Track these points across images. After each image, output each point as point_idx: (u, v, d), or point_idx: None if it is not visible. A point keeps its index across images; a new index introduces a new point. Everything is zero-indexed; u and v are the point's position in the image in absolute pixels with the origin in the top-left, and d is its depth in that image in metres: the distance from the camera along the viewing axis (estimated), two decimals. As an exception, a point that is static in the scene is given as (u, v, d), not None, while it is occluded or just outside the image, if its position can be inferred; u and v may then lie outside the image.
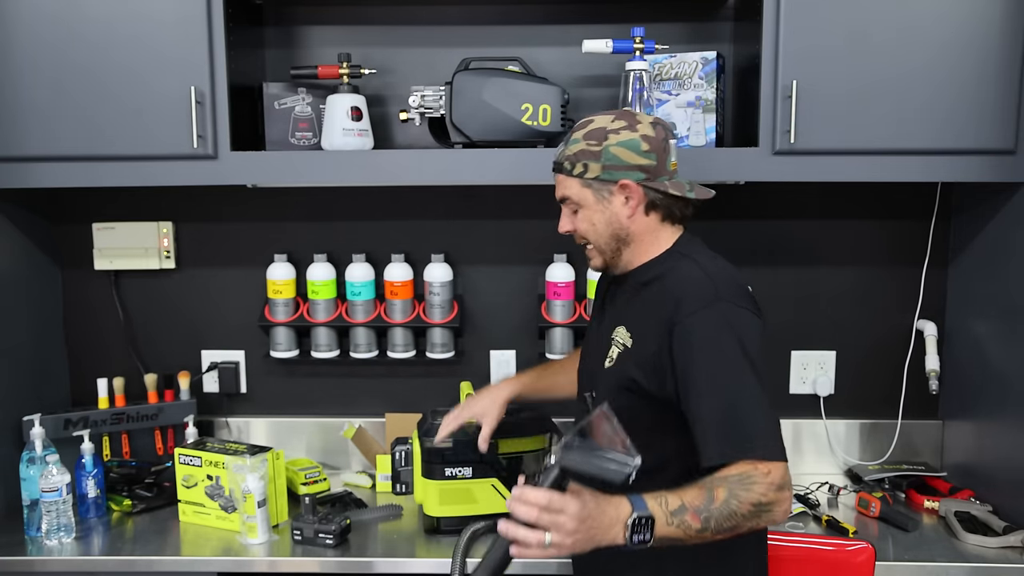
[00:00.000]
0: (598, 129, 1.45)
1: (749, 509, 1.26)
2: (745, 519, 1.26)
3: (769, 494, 1.27)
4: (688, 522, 1.24)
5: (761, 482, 1.27)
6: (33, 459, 1.93)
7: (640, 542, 1.22)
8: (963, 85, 1.85)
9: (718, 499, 1.25)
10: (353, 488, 2.20)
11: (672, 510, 1.24)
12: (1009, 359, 1.97)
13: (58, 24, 1.88)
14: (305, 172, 1.94)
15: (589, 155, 1.45)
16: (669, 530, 1.23)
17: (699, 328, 1.34)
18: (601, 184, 1.45)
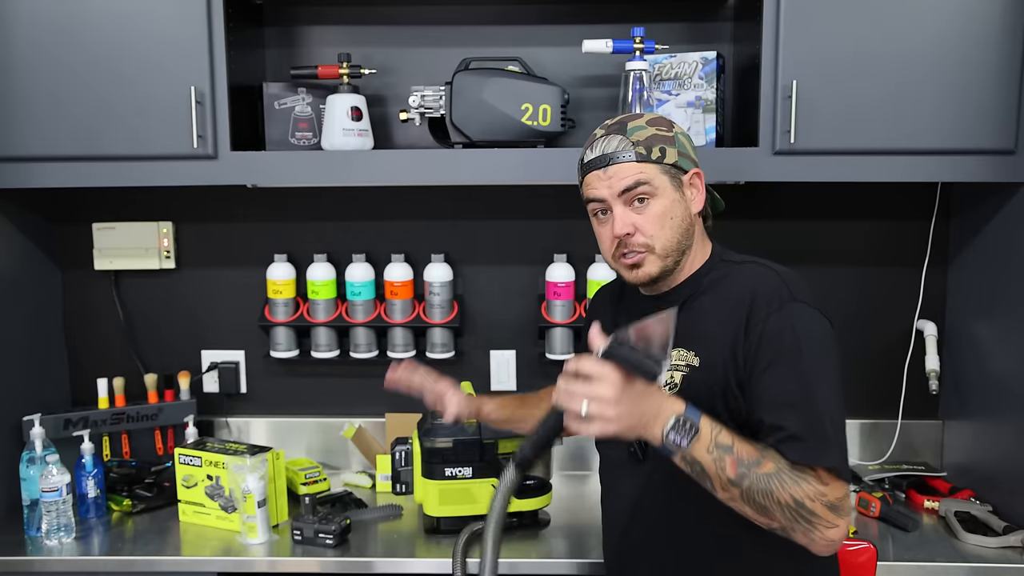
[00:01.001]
0: (661, 118, 1.39)
1: (788, 500, 1.18)
2: (780, 509, 1.18)
3: (816, 503, 1.19)
4: (726, 464, 1.18)
5: (814, 486, 1.19)
6: (33, 459, 1.93)
7: (675, 443, 1.17)
8: (963, 85, 1.85)
9: (764, 468, 1.19)
10: (353, 488, 2.20)
11: (719, 443, 1.18)
12: (1009, 359, 1.97)
13: (58, 24, 1.88)
14: (305, 172, 1.94)
15: (663, 140, 1.35)
16: (705, 457, 1.18)
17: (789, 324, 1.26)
18: (678, 171, 1.36)
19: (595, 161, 1.36)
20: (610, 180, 1.35)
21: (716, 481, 1.19)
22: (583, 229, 2.10)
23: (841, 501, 1.20)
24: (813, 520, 1.18)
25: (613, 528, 1.53)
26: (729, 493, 1.19)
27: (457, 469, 1.89)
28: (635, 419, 1.15)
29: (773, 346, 1.26)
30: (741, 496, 1.19)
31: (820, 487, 1.19)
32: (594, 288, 2.18)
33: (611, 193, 1.35)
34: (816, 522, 1.18)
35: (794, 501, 1.18)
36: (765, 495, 1.18)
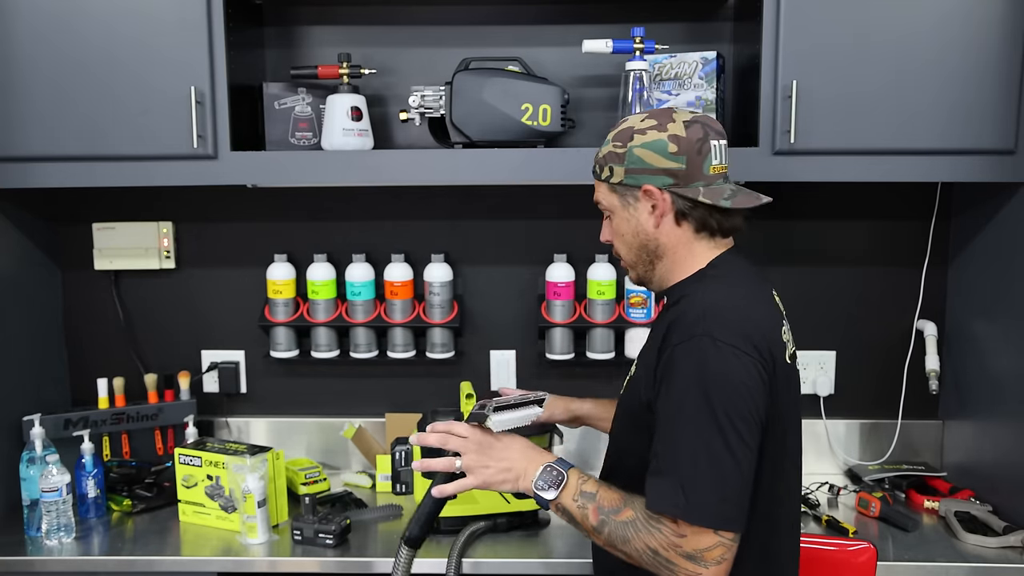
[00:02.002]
0: (626, 129, 1.34)
1: (643, 548, 1.21)
2: (639, 555, 1.22)
3: (671, 552, 1.18)
4: (588, 513, 1.26)
5: (666, 536, 1.19)
6: (33, 459, 1.93)
7: (542, 489, 1.28)
8: (963, 85, 1.85)
9: (623, 515, 1.24)
10: (353, 488, 2.20)
11: (584, 491, 1.27)
12: (1009, 359, 1.97)
13: (58, 24, 1.88)
14: (305, 172, 1.94)
15: (615, 158, 1.34)
16: (571, 504, 1.27)
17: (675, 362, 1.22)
18: (626, 189, 1.34)
19: None
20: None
21: (583, 526, 1.27)
22: (583, 229, 2.11)
23: (701, 552, 1.17)
24: (672, 566, 1.19)
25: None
26: (595, 536, 1.27)
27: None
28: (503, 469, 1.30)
29: (668, 378, 1.23)
30: (606, 541, 1.26)
31: (674, 537, 1.19)
32: (594, 288, 2.19)
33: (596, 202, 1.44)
34: (675, 568, 1.19)
35: (649, 549, 1.21)
36: (623, 542, 1.23)
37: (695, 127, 1.31)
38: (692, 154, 1.30)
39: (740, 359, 1.19)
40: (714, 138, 1.32)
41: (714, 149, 1.32)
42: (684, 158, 1.30)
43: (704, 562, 1.17)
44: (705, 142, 1.31)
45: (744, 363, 1.20)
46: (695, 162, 1.30)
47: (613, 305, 2.19)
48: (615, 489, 1.27)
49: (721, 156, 1.33)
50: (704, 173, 1.31)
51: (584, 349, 2.25)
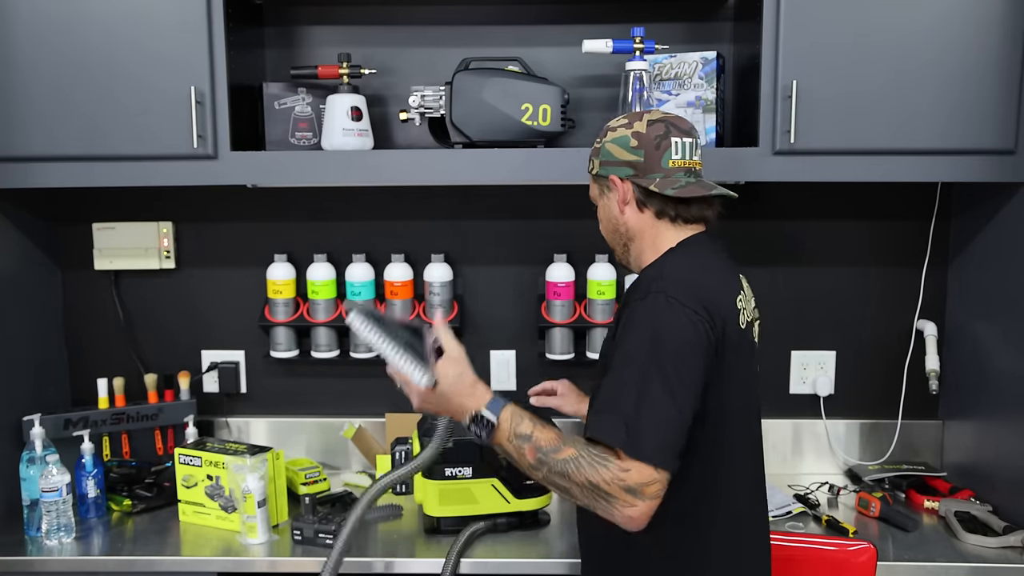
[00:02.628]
0: (605, 128, 1.52)
1: (584, 482, 1.27)
2: (578, 489, 1.28)
3: (613, 486, 1.25)
4: (524, 452, 1.32)
5: (611, 471, 1.26)
6: (33, 459, 1.93)
7: (476, 435, 1.35)
8: (963, 85, 1.85)
9: (563, 453, 1.29)
10: (353, 488, 2.20)
11: (518, 433, 1.33)
12: (1009, 359, 1.97)
13: (58, 23, 1.88)
14: (305, 172, 1.94)
15: (594, 152, 1.52)
16: (507, 445, 1.34)
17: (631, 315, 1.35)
18: (601, 179, 1.50)
19: None
20: None
21: (521, 464, 1.34)
22: (583, 229, 2.11)
23: (642, 487, 1.26)
24: (610, 499, 1.26)
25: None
26: (532, 472, 1.33)
27: (457, 469, 1.89)
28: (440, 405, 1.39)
29: (623, 329, 1.35)
30: (544, 478, 1.32)
31: (619, 472, 1.26)
32: (594, 288, 2.19)
33: None
34: (613, 502, 1.26)
35: (590, 483, 1.27)
36: (563, 477, 1.29)
37: (657, 125, 1.45)
38: (650, 148, 1.43)
39: (689, 316, 1.31)
40: (676, 136, 1.44)
41: (675, 145, 1.44)
42: (643, 152, 1.44)
43: (642, 496, 1.26)
44: (665, 138, 1.44)
45: (693, 320, 1.31)
46: (653, 156, 1.43)
47: (613, 305, 2.19)
48: (551, 428, 1.35)
49: (685, 153, 1.45)
50: (662, 166, 1.44)
51: (584, 349, 2.25)
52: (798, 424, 2.31)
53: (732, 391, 1.40)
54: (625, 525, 1.28)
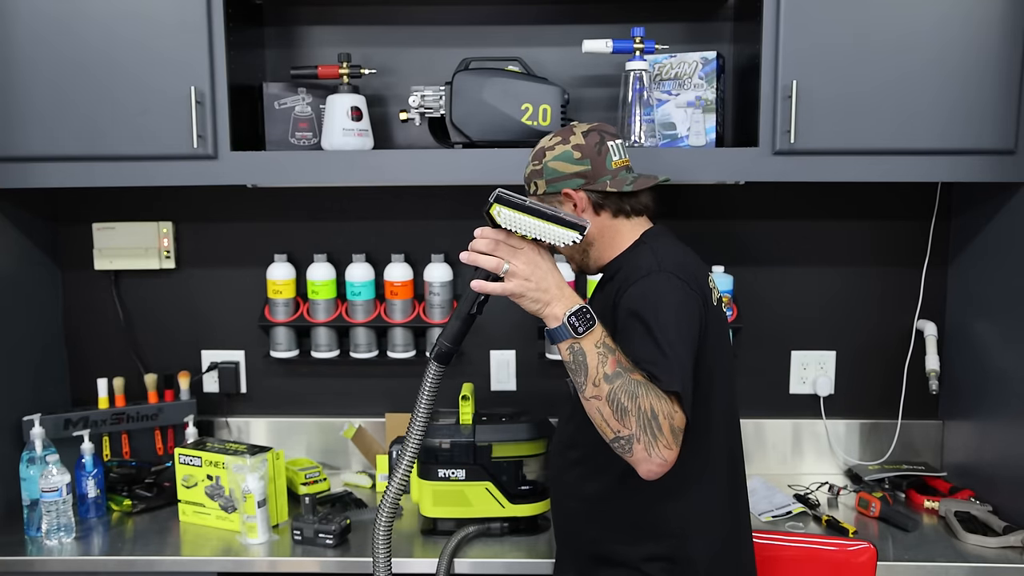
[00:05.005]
0: (539, 149, 1.57)
1: (647, 408, 1.29)
2: (638, 414, 1.29)
3: (666, 421, 1.30)
4: (608, 361, 1.31)
5: (669, 407, 1.31)
6: (33, 459, 1.93)
7: (572, 327, 1.32)
8: (963, 85, 1.85)
9: (636, 375, 1.32)
10: (353, 488, 2.20)
11: (606, 343, 1.33)
12: (1009, 359, 1.97)
13: (58, 24, 1.88)
14: (305, 172, 1.94)
15: (535, 174, 1.57)
16: (592, 350, 1.32)
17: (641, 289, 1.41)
18: (550, 197, 1.55)
19: None
20: None
21: (592, 375, 1.32)
22: (583, 229, 2.11)
23: (680, 432, 1.33)
24: (658, 435, 1.30)
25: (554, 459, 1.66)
26: (598, 389, 1.31)
27: (450, 471, 1.89)
28: (541, 288, 1.34)
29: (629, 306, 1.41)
30: (609, 393, 1.31)
31: (672, 410, 1.32)
32: (593, 288, 2.18)
33: None
34: (659, 438, 1.30)
35: (651, 411, 1.30)
36: (631, 397, 1.30)
37: (592, 135, 1.54)
38: (594, 156, 1.53)
39: (688, 292, 1.42)
40: (610, 139, 1.55)
41: (612, 148, 1.54)
42: (588, 160, 1.52)
43: (677, 442, 1.32)
44: (603, 144, 1.53)
45: (691, 296, 1.42)
46: (597, 162, 1.53)
47: (613, 305, 2.19)
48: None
49: (620, 152, 1.55)
50: (608, 168, 1.53)
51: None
52: (798, 424, 2.31)
53: (717, 363, 1.48)
54: (655, 466, 1.31)
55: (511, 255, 1.36)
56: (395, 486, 1.50)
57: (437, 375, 1.46)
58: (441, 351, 1.45)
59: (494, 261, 1.36)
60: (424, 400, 1.46)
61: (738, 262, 2.24)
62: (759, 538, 1.76)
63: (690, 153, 1.93)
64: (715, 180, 2.03)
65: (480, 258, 1.38)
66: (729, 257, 2.23)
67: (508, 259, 1.35)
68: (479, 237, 1.39)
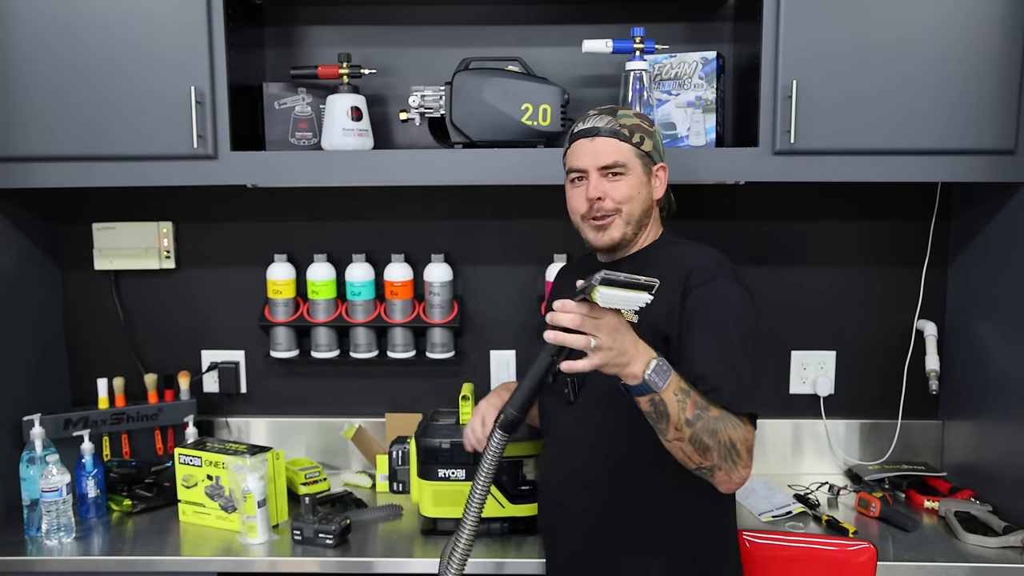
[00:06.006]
0: (646, 116, 1.62)
1: (727, 441, 1.35)
2: (719, 448, 1.35)
3: (742, 445, 1.37)
4: (687, 405, 1.33)
5: (743, 432, 1.38)
6: (33, 459, 1.93)
7: (654, 383, 1.30)
8: (963, 85, 1.85)
9: (712, 411, 1.35)
10: (353, 488, 2.20)
11: (682, 387, 1.34)
12: (1009, 359, 1.97)
13: (58, 24, 1.88)
14: (305, 172, 1.94)
15: (644, 131, 1.58)
16: (671, 399, 1.32)
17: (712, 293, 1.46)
18: (649, 160, 1.58)
19: (584, 131, 1.58)
20: (594, 152, 1.56)
21: (674, 421, 1.33)
22: (583, 229, 2.11)
23: (753, 446, 1.41)
24: (736, 461, 1.37)
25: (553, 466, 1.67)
26: (680, 433, 1.34)
27: (450, 471, 1.89)
28: (621, 353, 1.29)
29: (703, 312, 1.45)
30: (691, 435, 1.33)
31: (747, 433, 1.39)
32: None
33: (592, 164, 1.56)
34: (738, 461, 1.37)
35: (730, 441, 1.36)
36: (711, 435, 1.34)
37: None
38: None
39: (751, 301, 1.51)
40: None
41: None
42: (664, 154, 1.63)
43: (752, 457, 1.40)
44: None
45: (753, 305, 1.51)
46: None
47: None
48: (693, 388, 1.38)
49: None
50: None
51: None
52: (798, 424, 2.31)
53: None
54: (734, 485, 1.40)
55: (595, 328, 1.28)
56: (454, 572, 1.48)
57: (502, 444, 1.41)
58: (508, 420, 1.39)
59: (583, 340, 1.28)
60: (486, 470, 1.42)
61: (738, 262, 2.21)
62: (759, 538, 1.76)
63: (690, 153, 1.93)
64: (715, 180, 2.03)
65: (567, 338, 1.28)
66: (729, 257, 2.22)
67: (593, 333, 1.28)
68: (561, 313, 1.29)
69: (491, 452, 1.41)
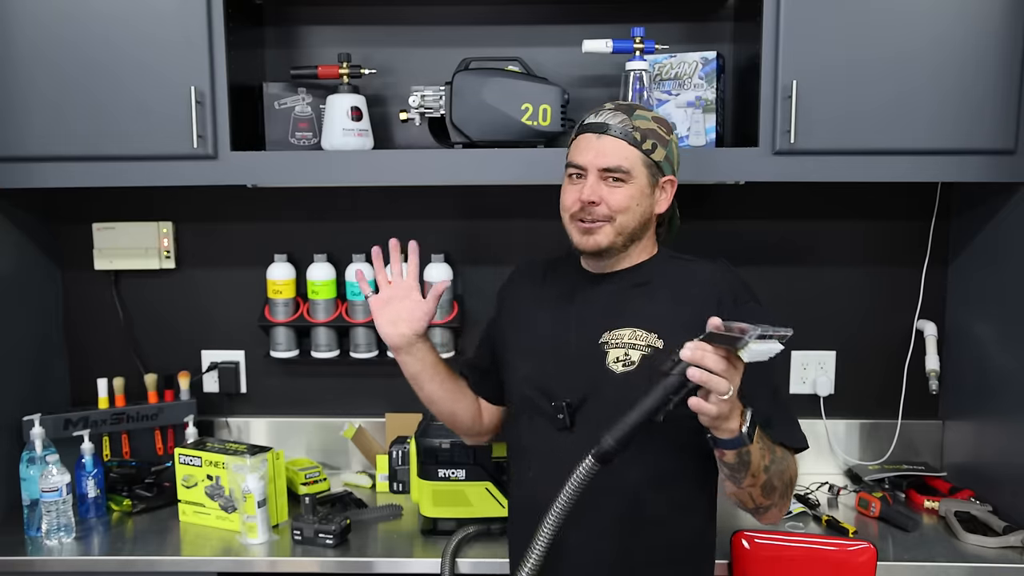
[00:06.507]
0: (665, 120, 1.51)
1: (789, 480, 1.37)
2: (783, 487, 1.35)
3: (794, 481, 1.39)
4: (765, 452, 1.31)
5: (795, 467, 1.39)
6: (33, 459, 1.93)
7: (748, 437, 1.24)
8: (963, 85, 1.84)
9: (777, 453, 1.35)
10: (353, 488, 2.20)
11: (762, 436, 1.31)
12: (1009, 359, 1.97)
13: (58, 24, 1.88)
14: (305, 172, 1.94)
15: (659, 138, 1.46)
16: (756, 452, 1.28)
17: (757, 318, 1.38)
18: (657, 170, 1.47)
19: (593, 126, 1.47)
20: (597, 152, 1.45)
21: (753, 469, 1.29)
22: (583, 229, 2.11)
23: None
24: (789, 494, 1.39)
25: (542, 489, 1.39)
26: (755, 479, 1.30)
27: (450, 471, 1.89)
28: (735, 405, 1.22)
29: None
30: (765, 481, 1.32)
31: (797, 468, 1.40)
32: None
33: (593, 163, 1.45)
34: (789, 495, 1.39)
35: (791, 481, 1.37)
36: (779, 476, 1.34)
37: None
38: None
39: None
40: None
41: None
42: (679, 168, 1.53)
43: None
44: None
45: None
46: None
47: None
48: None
49: None
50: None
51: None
52: (798, 424, 2.31)
53: None
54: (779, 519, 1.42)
55: (733, 376, 1.18)
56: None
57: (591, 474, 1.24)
58: (605, 451, 1.22)
59: (726, 384, 1.17)
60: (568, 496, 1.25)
61: (738, 262, 2.22)
62: (759, 538, 1.76)
63: (690, 153, 1.93)
64: (715, 180, 2.03)
65: (714, 379, 1.17)
66: (729, 257, 2.19)
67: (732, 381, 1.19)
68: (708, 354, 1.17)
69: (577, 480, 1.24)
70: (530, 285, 1.65)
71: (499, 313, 1.71)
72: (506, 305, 1.69)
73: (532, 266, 1.71)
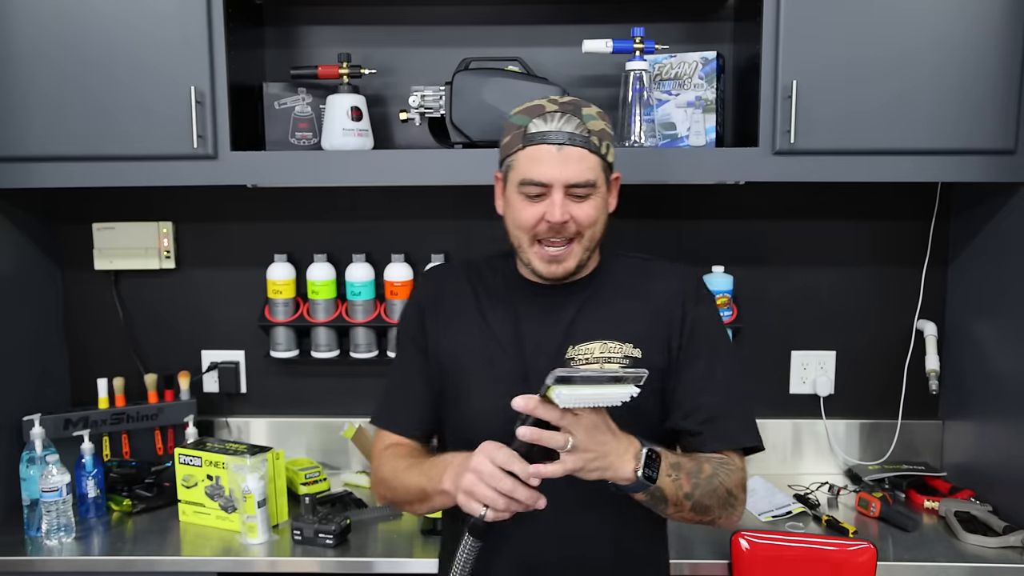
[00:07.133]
0: (603, 112, 1.34)
1: (724, 494, 1.28)
2: (718, 504, 1.27)
3: (739, 487, 1.30)
4: (681, 481, 1.22)
5: (738, 473, 1.31)
6: (33, 459, 1.93)
7: (647, 478, 1.16)
8: (963, 85, 1.85)
9: (705, 472, 1.26)
10: (353, 488, 2.20)
11: (672, 463, 1.22)
12: (1009, 359, 1.97)
13: (58, 24, 1.88)
14: (305, 172, 1.94)
15: (608, 136, 1.33)
16: (666, 482, 1.20)
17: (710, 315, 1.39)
18: (610, 170, 1.34)
19: (549, 135, 1.28)
20: (562, 167, 1.28)
21: (672, 500, 1.22)
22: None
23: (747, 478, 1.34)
24: (735, 504, 1.30)
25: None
26: (680, 507, 1.24)
27: None
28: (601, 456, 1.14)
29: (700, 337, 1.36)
30: (691, 506, 1.24)
31: (741, 473, 1.32)
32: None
33: (559, 181, 1.28)
34: (737, 504, 1.30)
35: (727, 492, 1.28)
36: (710, 495, 1.26)
37: None
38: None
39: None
40: None
41: None
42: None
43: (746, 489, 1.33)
44: None
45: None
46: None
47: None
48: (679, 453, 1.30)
49: None
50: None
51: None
52: (798, 424, 2.31)
53: None
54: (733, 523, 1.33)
55: (574, 425, 1.11)
56: None
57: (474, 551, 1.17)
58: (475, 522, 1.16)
59: (561, 438, 1.10)
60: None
61: (738, 262, 2.24)
62: (759, 538, 1.76)
63: (690, 153, 1.93)
64: (715, 180, 2.03)
65: (546, 434, 1.10)
66: (729, 257, 2.23)
67: (572, 431, 1.11)
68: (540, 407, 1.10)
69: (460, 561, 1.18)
70: (456, 299, 1.44)
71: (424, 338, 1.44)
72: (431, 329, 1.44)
73: (449, 277, 1.50)
